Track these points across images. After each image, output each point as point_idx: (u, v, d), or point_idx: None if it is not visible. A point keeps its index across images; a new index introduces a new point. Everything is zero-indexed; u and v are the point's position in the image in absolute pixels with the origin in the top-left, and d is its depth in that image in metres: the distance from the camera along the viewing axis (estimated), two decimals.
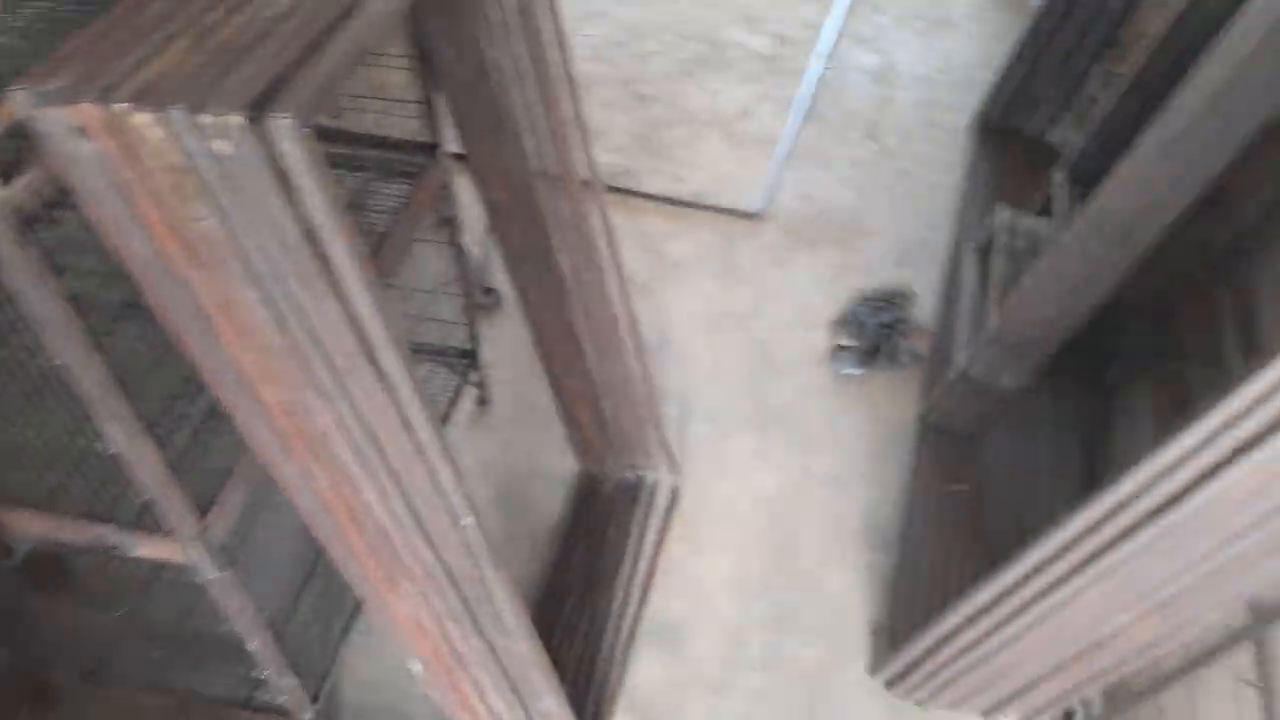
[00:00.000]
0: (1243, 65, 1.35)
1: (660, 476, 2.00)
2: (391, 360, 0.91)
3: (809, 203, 2.76)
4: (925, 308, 2.44)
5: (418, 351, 2.04)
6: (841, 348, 2.35)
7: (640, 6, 3.52)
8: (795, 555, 1.97)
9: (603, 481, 2.02)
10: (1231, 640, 1.30)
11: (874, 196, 2.78)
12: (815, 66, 3.23)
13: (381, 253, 1.54)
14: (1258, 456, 1.06)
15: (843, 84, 3.19)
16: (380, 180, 1.73)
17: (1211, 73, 1.41)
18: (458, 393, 2.04)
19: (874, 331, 2.36)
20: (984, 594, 1.40)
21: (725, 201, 2.74)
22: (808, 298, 2.49)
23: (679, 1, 3.55)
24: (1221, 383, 1.06)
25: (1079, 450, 2.09)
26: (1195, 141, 1.53)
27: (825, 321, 2.42)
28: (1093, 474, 2.04)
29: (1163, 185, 1.63)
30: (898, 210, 2.74)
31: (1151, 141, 1.55)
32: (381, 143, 1.70)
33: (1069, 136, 2.95)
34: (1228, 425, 1.06)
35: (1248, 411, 1.05)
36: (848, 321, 2.40)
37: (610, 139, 2.93)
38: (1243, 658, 1.34)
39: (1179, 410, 2.02)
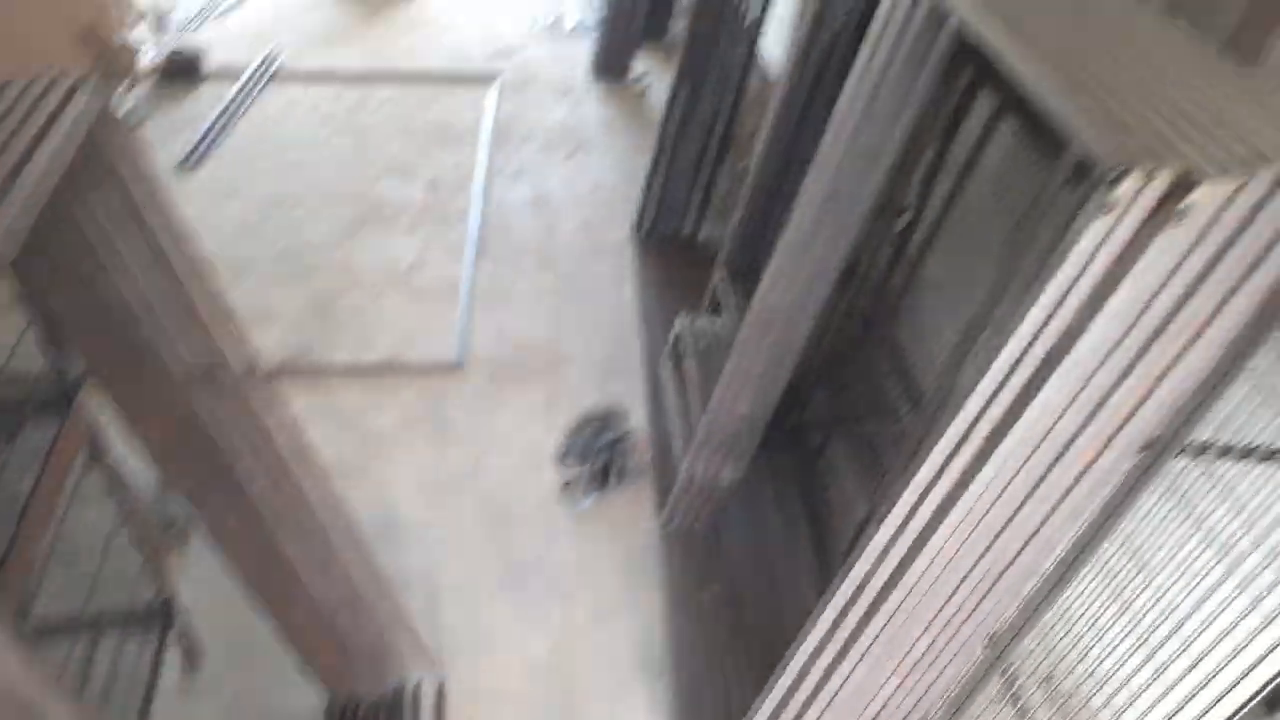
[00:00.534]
0: (837, 175, 1.55)
1: (421, 678, 1.84)
2: None
3: (504, 342, 2.77)
4: (640, 418, 2.52)
5: (96, 626, 1.72)
6: (569, 484, 2.35)
7: (280, 176, 3.40)
8: (582, 714, 1.89)
9: (358, 704, 1.81)
10: (981, 675, 1.42)
11: (563, 323, 2.85)
12: (475, 206, 3.29)
13: (20, 533, 1.29)
14: (952, 517, 1.18)
15: (505, 219, 3.28)
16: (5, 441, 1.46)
17: (815, 185, 1.60)
18: (157, 661, 1.74)
19: (598, 454, 2.39)
20: (762, 712, 1.42)
21: (420, 359, 2.67)
22: (527, 437, 2.47)
23: (320, 166, 3.48)
24: (895, 431, 1.17)
25: (805, 522, 2.23)
26: (820, 237, 1.73)
27: (549, 457, 2.40)
28: (822, 542, 2.19)
29: (806, 276, 1.82)
30: (588, 332, 2.83)
31: (786, 244, 1.73)
32: None
33: (716, 231, 3.25)
34: (921, 498, 1.18)
35: (934, 482, 1.16)
36: (570, 452, 2.41)
37: (282, 319, 2.75)
38: (993, 685, 1.48)
39: (873, 462, 2.26)
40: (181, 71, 3.92)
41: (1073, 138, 0.89)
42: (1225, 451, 1.26)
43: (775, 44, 3.31)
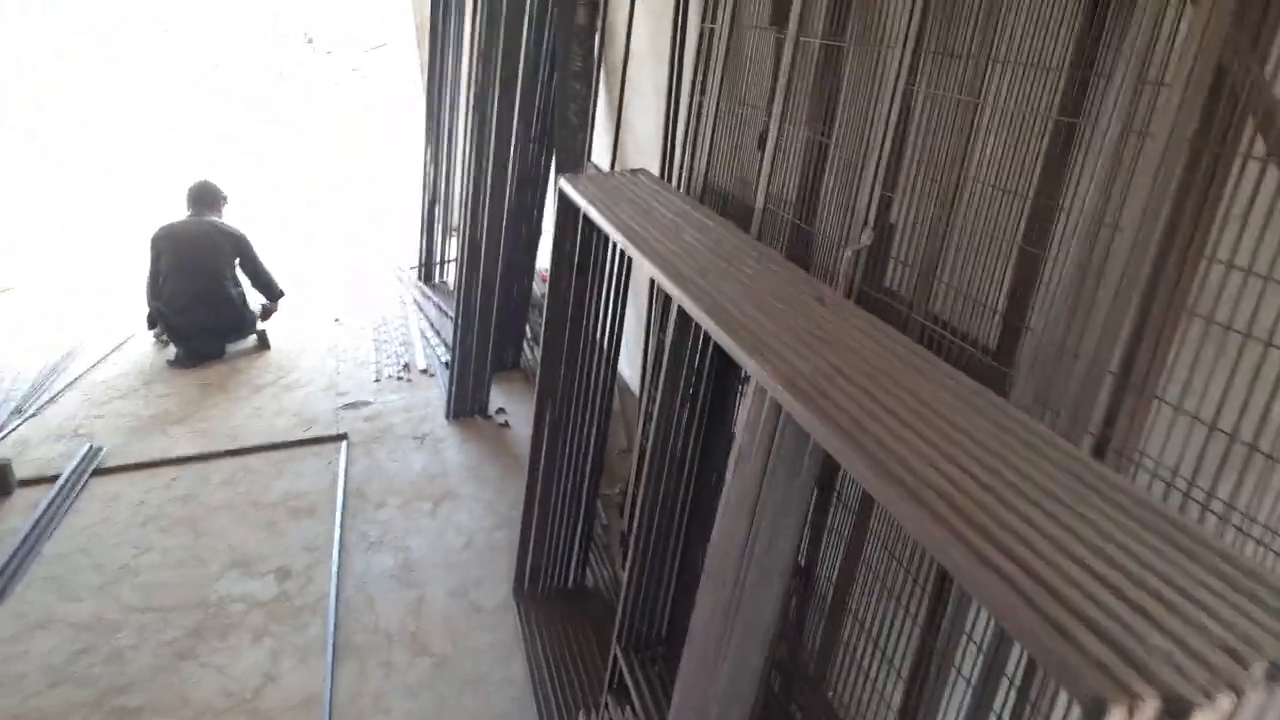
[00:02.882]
0: (736, 589, 1.37)
1: None
2: None
3: None
4: None
5: None
6: None
7: (100, 595, 2.96)
8: None
9: None
10: None
11: (453, 717, 2.45)
12: (330, 591, 2.93)
13: None
14: None
15: (368, 599, 2.92)
16: None
17: (712, 598, 1.41)
18: None
19: None
20: None
21: None
22: None
23: (148, 572, 3.06)
24: None
25: None
26: (740, 618, 1.51)
27: None
28: None
29: (729, 662, 1.58)
30: None
31: (694, 650, 1.50)
32: None
33: (603, 573, 3.00)
34: None
35: None
36: None
37: None
38: None
39: None
40: None
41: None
42: None
43: (627, 364, 3.29)
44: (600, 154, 3.82)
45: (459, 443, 3.91)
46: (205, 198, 4.91)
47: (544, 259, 4.28)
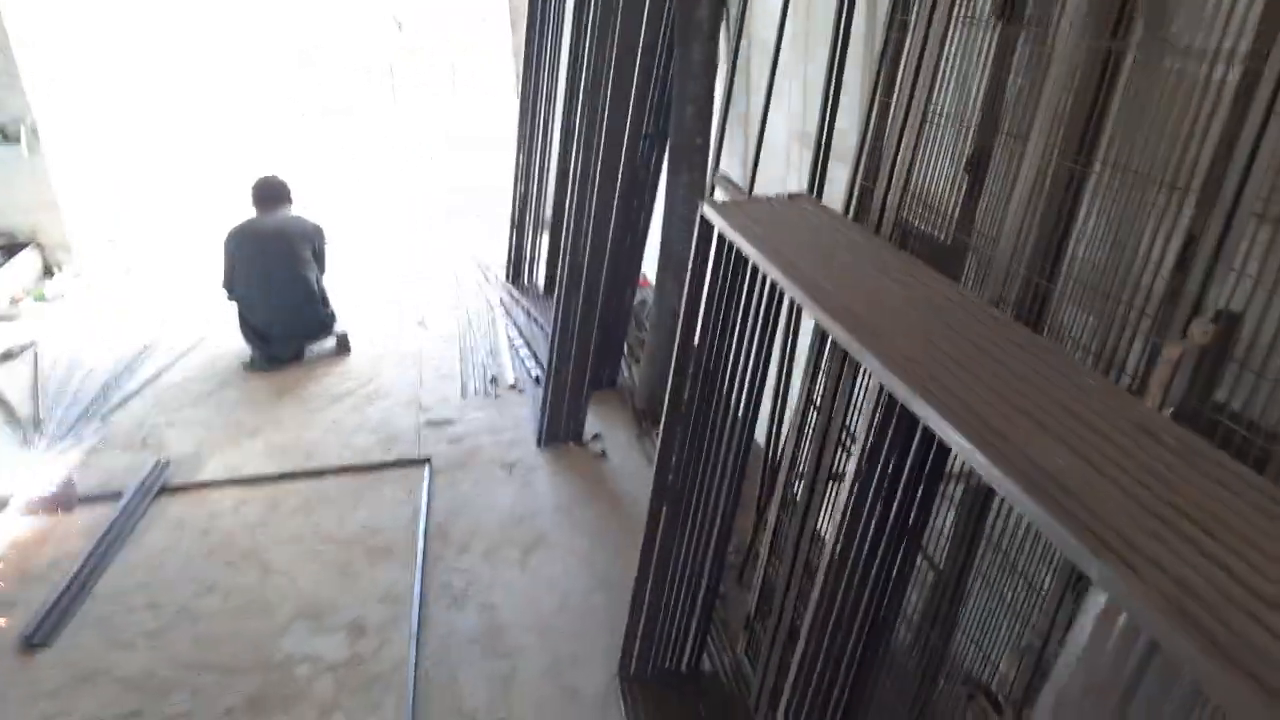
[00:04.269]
0: None
1: None
2: None
3: None
4: None
5: None
6: None
7: (156, 644, 2.65)
8: None
9: None
10: None
11: None
12: (409, 658, 2.56)
13: None
14: None
15: (449, 675, 2.54)
16: None
17: None
18: None
19: None
20: None
21: None
22: None
23: (209, 620, 2.74)
24: None
25: None
26: None
27: None
28: None
29: None
30: None
31: None
32: None
33: (722, 660, 2.56)
34: None
35: None
36: None
37: None
38: None
39: None
40: (45, 509, 3.25)
41: None
42: None
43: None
44: (724, 161, 3.35)
45: (551, 475, 3.51)
46: (273, 193, 4.58)
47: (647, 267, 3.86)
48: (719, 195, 3.11)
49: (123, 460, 3.66)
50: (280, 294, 4.37)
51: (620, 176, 3.46)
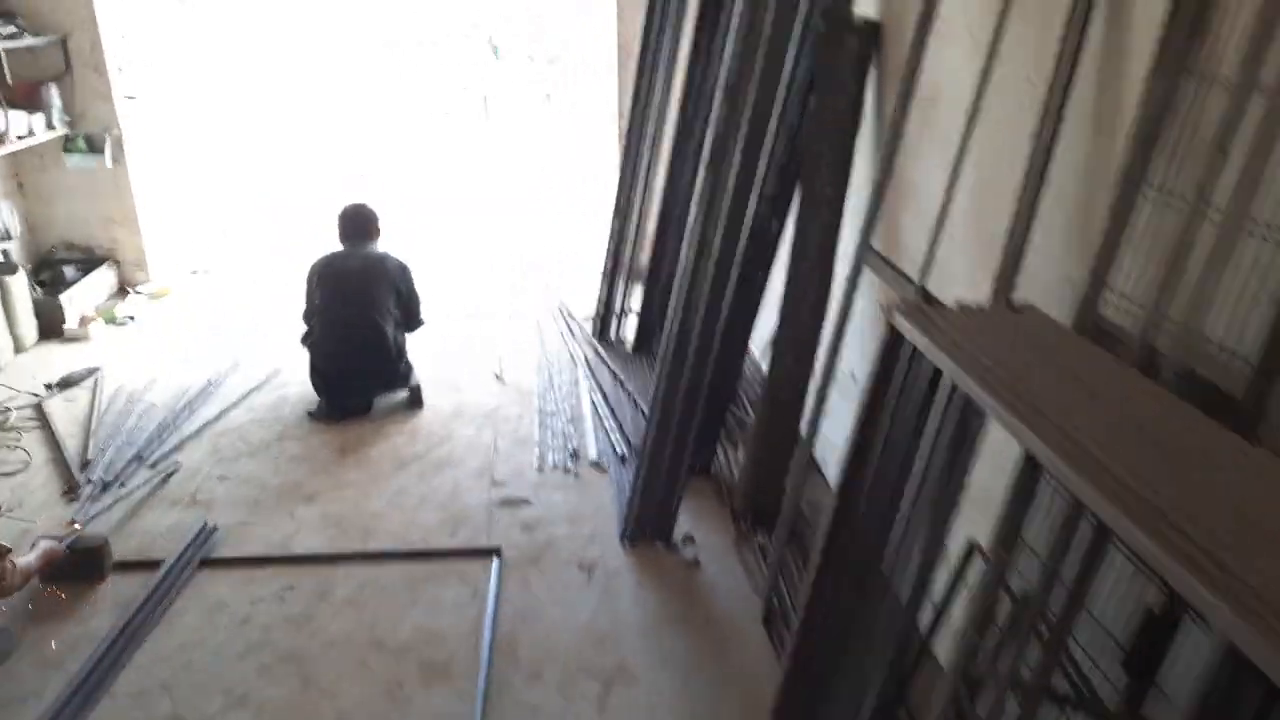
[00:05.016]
0: None
1: None
2: None
3: None
4: None
5: None
6: None
7: None
8: None
9: None
10: None
11: None
12: None
13: None
14: None
15: None
16: None
17: None
18: None
19: None
20: None
21: None
22: None
23: None
24: None
25: None
26: None
27: None
28: None
29: None
30: None
31: None
32: None
33: None
34: None
35: None
36: None
37: None
38: None
39: None
40: (71, 573, 2.90)
41: None
42: None
43: None
44: (852, 224, 2.85)
45: (635, 583, 3.03)
46: (361, 224, 4.26)
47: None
48: (867, 275, 2.62)
49: (168, 519, 3.32)
50: (352, 341, 4.02)
51: (743, 241, 3.00)
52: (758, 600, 2.92)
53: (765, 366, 4.03)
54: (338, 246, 4.24)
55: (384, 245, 4.37)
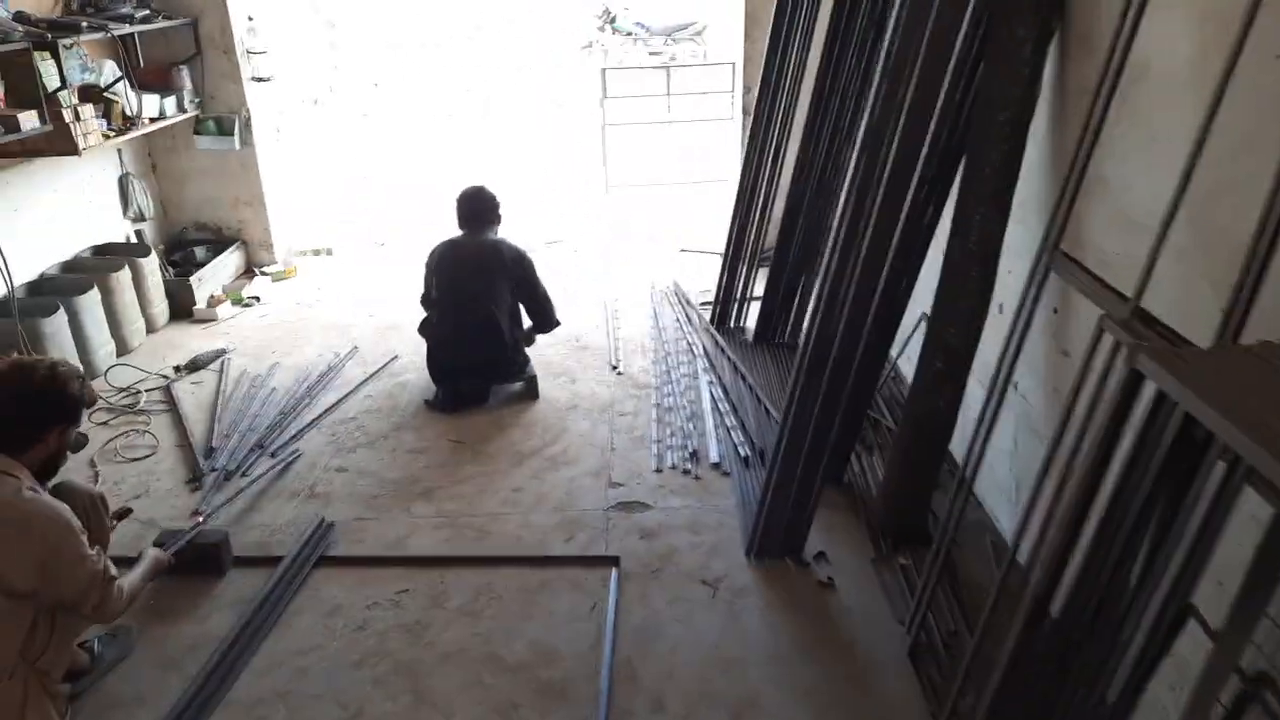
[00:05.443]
0: None
1: None
2: None
3: None
4: None
5: None
6: None
7: None
8: None
9: None
10: None
11: None
12: None
13: None
14: None
15: None
16: None
17: None
18: None
19: None
20: None
21: None
22: None
23: None
24: None
25: None
26: None
27: None
28: None
29: None
30: None
31: None
32: None
33: None
34: None
35: None
36: None
37: None
38: None
39: None
40: (193, 565, 2.89)
41: None
42: None
43: None
44: (1030, 225, 2.50)
45: (764, 604, 2.80)
46: (481, 210, 4.11)
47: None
48: (1055, 282, 2.28)
49: (287, 512, 3.29)
50: (466, 332, 3.91)
51: (898, 235, 2.70)
52: (900, 629, 2.65)
53: (903, 365, 3.71)
54: (457, 232, 4.12)
55: (503, 232, 4.24)
